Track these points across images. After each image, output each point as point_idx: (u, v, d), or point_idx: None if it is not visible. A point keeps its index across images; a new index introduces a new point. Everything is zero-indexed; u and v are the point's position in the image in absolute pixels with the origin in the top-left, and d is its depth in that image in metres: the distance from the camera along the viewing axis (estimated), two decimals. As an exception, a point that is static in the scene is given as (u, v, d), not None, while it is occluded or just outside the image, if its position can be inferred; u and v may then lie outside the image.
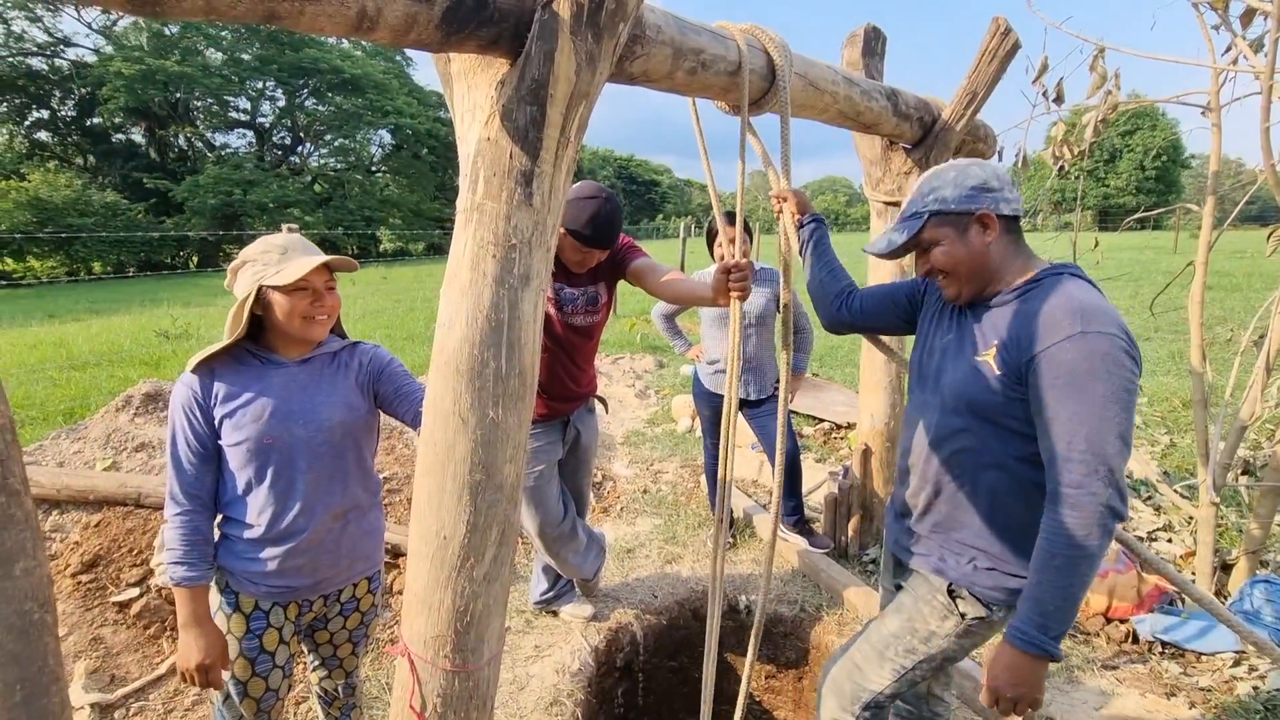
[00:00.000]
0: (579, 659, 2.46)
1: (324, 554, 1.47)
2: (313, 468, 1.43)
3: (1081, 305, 1.18)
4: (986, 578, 1.31)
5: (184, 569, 1.35)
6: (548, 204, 1.17)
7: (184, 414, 1.37)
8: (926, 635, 1.37)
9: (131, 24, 28.51)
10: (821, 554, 2.99)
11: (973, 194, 1.29)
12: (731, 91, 1.65)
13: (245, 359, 1.42)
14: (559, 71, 1.10)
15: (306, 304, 1.38)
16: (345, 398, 1.49)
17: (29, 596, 0.70)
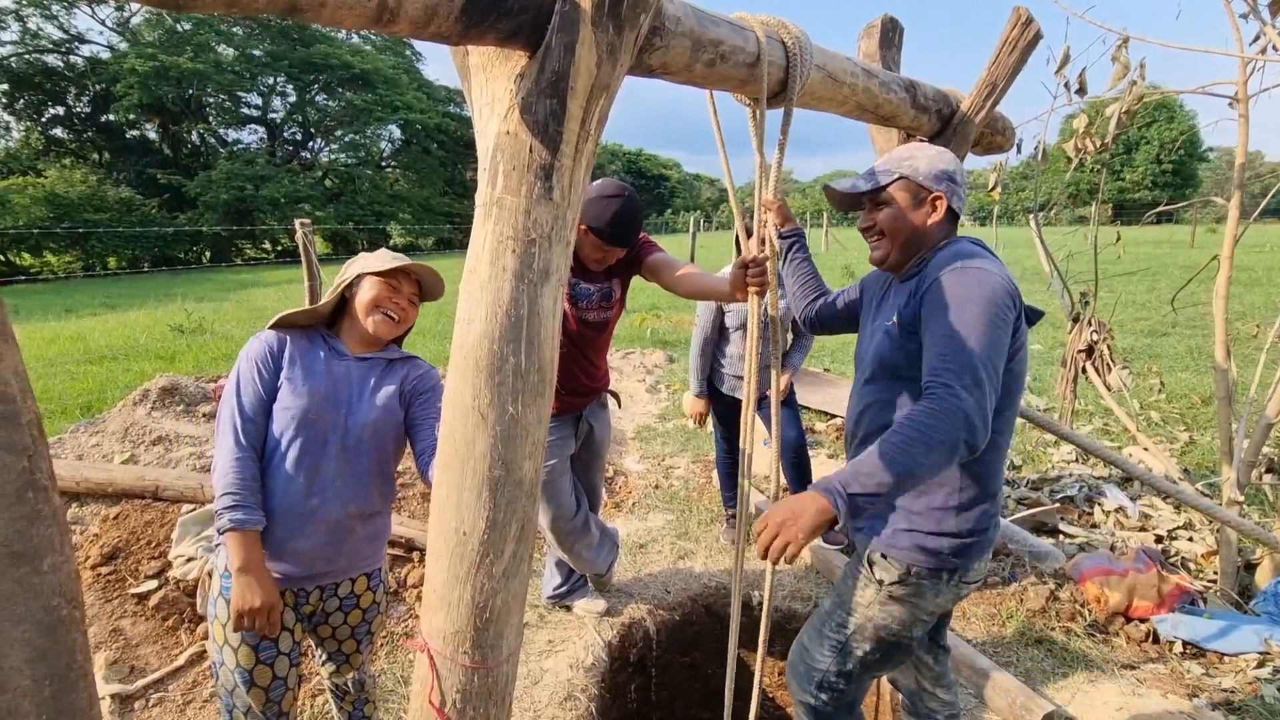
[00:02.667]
0: (592, 654, 2.47)
1: (327, 547, 1.49)
2: (340, 457, 1.49)
3: (967, 251, 1.34)
4: (904, 539, 1.36)
5: (242, 513, 1.38)
6: (567, 198, 1.16)
7: (256, 364, 1.46)
8: (852, 607, 1.43)
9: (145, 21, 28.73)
10: (835, 550, 2.98)
11: (940, 176, 1.42)
12: (750, 84, 1.63)
13: (316, 340, 1.54)
14: (580, 64, 1.08)
15: (386, 293, 1.52)
16: (387, 403, 1.55)
17: (57, 592, 0.70)
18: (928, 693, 1.64)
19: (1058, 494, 3.46)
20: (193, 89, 28.59)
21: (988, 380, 1.16)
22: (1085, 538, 3.05)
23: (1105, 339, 2.79)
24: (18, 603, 0.66)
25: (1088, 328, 2.83)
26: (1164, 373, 5.72)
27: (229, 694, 1.49)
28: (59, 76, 28.01)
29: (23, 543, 0.67)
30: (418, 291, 1.60)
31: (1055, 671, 2.28)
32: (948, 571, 1.35)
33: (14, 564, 0.66)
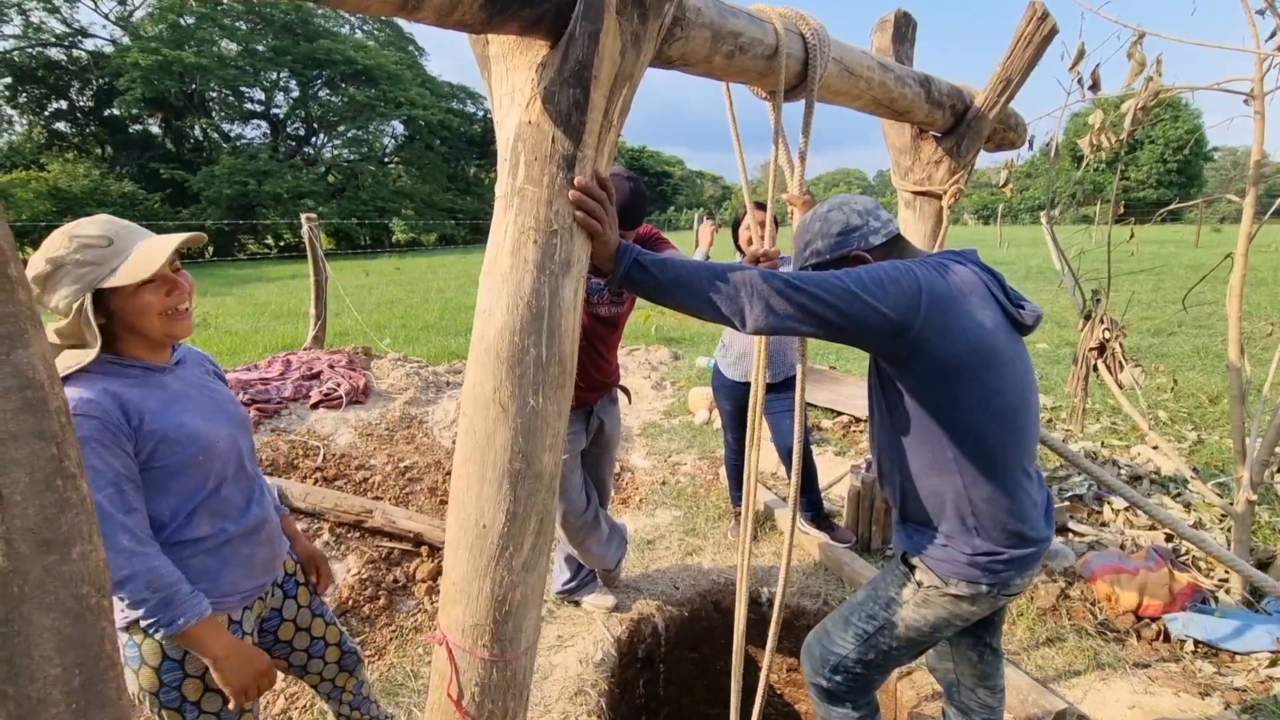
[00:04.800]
0: (602, 649, 2.46)
1: (276, 539, 1.43)
2: (248, 459, 1.39)
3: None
4: (940, 551, 1.37)
5: (191, 606, 1.18)
6: (589, 189, 1.15)
7: (103, 452, 1.12)
8: (886, 601, 1.46)
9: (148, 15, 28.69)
10: (844, 548, 2.97)
11: (840, 240, 1.44)
12: (768, 76, 1.62)
13: (123, 372, 1.20)
14: (604, 52, 1.07)
15: (163, 297, 1.19)
16: (227, 393, 1.42)
17: (85, 580, 0.70)
18: (967, 689, 1.62)
19: (1066, 493, 3.45)
20: (196, 83, 28.57)
21: (804, 301, 1.21)
22: (1095, 536, 3.04)
23: (1117, 337, 2.77)
24: (47, 591, 0.65)
25: (1099, 325, 2.81)
26: (1171, 372, 5.71)
27: None
28: (62, 70, 27.99)
29: (52, 530, 0.67)
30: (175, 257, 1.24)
31: (1067, 669, 2.27)
32: (987, 585, 1.34)
33: (43, 552, 0.66)
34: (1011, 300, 1.38)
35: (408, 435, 3.94)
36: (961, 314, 1.29)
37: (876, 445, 1.51)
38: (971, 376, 1.30)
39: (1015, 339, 1.38)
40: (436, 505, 3.27)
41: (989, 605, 1.38)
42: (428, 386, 4.67)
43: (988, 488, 1.33)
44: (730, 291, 1.22)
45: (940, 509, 1.37)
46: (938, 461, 1.35)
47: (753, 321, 1.22)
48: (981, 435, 1.32)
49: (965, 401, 1.31)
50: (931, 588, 1.39)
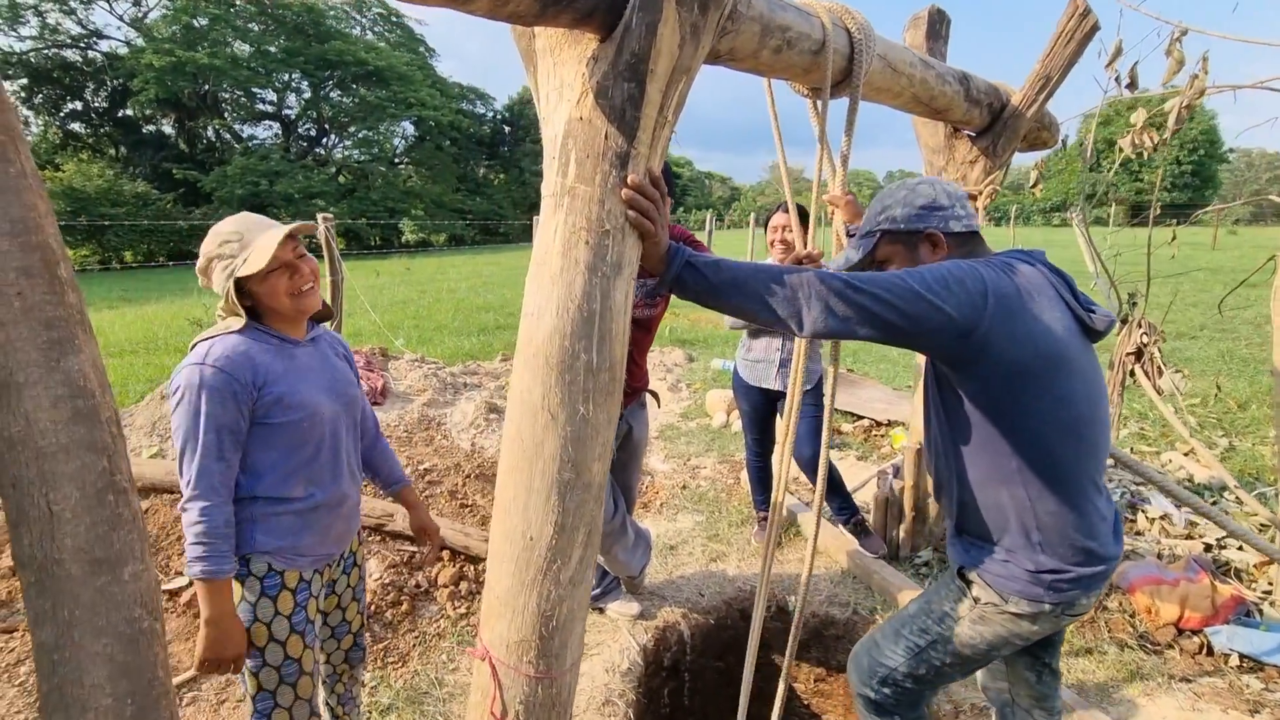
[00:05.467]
0: (628, 658, 2.41)
1: (351, 521, 1.57)
2: (349, 436, 1.53)
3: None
4: (1000, 567, 1.31)
5: (216, 562, 1.28)
6: (643, 187, 1.10)
7: (218, 402, 1.29)
8: (940, 615, 1.41)
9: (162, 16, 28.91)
10: (874, 557, 2.91)
11: (921, 213, 1.37)
12: (813, 72, 1.57)
13: (263, 339, 1.40)
14: (661, 45, 1.03)
15: (287, 280, 1.38)
16: (348, 375, 1.58)
17: (138, 603, 0.66)
18: (1022, 710, 1.56)
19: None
20: (209, 84, 28.76)
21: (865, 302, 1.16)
22: (1130, 545, 2.97)
23: (1155, 341, 2.70)
24: (99, 614, 0.61)
25: (1137, 329, 2.74)
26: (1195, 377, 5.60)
27: (270, 694, 1.45)
28: (77, 71, 28.23)
29: (104, 549, 0.63)
30: (298, 244, 1.42)
31: (1108, 683, 2.21)
32: (1050, 604, 1.28)
33: (95, 572, 0.62)
34: (1082, 304, 1.32)
35: (427, 437, 3.91)
36: (1029, 317, 1.23)
37: (933, 453, 1.45)
38: (1038, 383, 1.24)
39: (1085, 345, 1.32)
40: (457, 509, 3.24)
41: (1051, 625, 1.32)
42: (445, 388, 4.64)
43: (1054, 501, 1.27)
44: (787, 293, 1.17)
45: (1002, 522, 1.31)
46: (1000, 472, 1.29)
47: (810, 324, 1.17)
48: (1048, 446, 1.26)
49: (1031, 409, 1.25)
50: (989, 605, 1.33)
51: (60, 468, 0.62)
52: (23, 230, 0.61)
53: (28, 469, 0.60)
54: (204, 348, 1.33)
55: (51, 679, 0.60)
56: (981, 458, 1.30)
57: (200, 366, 1.30)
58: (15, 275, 0.61)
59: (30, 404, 0.60)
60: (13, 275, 0.61)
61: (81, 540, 0.62)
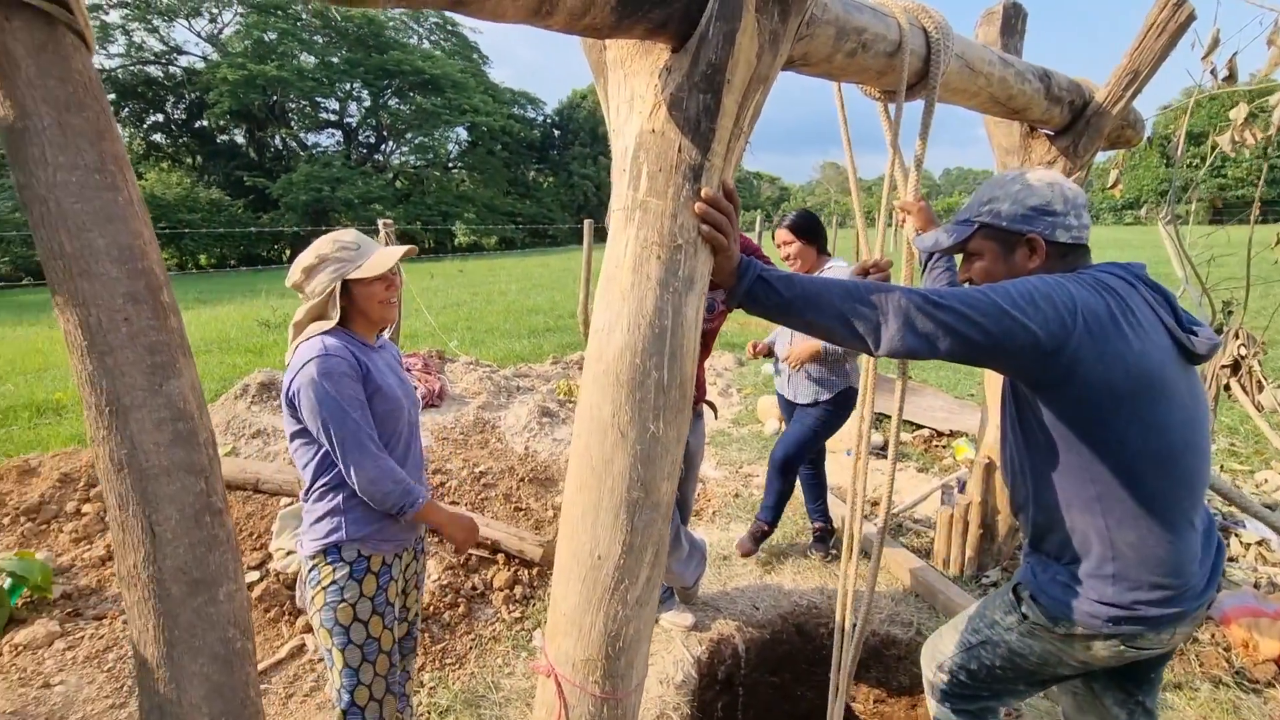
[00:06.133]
0: (682, 670, 2.38)
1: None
2: (417, 436, 1.68)
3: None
4: (1060, 590, 1.25)
5: (412, 495, 1.51)
6: (716, 200, 1.07)
7: (348, 383, 1.47)
8: (991, 621, 1.41)
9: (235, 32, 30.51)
10: (938, 574, 2.79)
11: (1030, 214, 1.26)
12: (887, 75, 1.51)
13: (350, 340, 1.55)
14: (739, 54, 1.00)
15: (384, 290, 1.55)
16: (408, 380, 1.72)
17: (231, 623, 0.66)
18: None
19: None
20: (277, 95, 30.19)
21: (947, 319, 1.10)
22: (1223, 572, 2.75)
23: (1255, 354, 2.50)
24: (196, 634, 0.63)
25: (1234, 341, 2.55)
26: None
27: (355, 671, 1.53)
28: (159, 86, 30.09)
29: (201, 570, 0.64)
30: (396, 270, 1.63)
31: (1202, 724, 2.05)
32: (1107, 633, 1.20)
33: (193, 593, 0.63)
34: (1182, 324, 1.22)
35: (482, 440, 3.97)
36: (1120, 338, 1.14)
37: (1009, 471, 1.38)
38: (1129, 409, 1.15)
39: (1185, 369, 1.21)
40: (511, 512, 3.27)
41: (1112, 656, 1.23)
42: (499, 391, 4.71)
43: (1136, 533, 1.18)
44: (864, 309, 1.12)
45: (1078, 548, 1.24)
46: (1079, 498, 1.21)
47: (888, 342, 1.12)
48: (1135, 475, 1.17)
49: (1119, 436, 1.16)
50: (1037, 624, 1.29)
51: (162, 489, 0.63)
52: (129, 257, 0.63)
53: (132, 490, 0.61)
54: (316, 343, 1.48)
55: (153, 697, 0.61)
56: (1061, 481, 1.23)
57: (325, 358, 1.46)
58: (123, 301, 0.62)
59: (135, 427, 0.62)
60: (120, 301, 0.62)
61: (180, 561, 0.63)
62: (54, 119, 0.61)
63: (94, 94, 0.65)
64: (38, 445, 4.14)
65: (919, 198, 1.64)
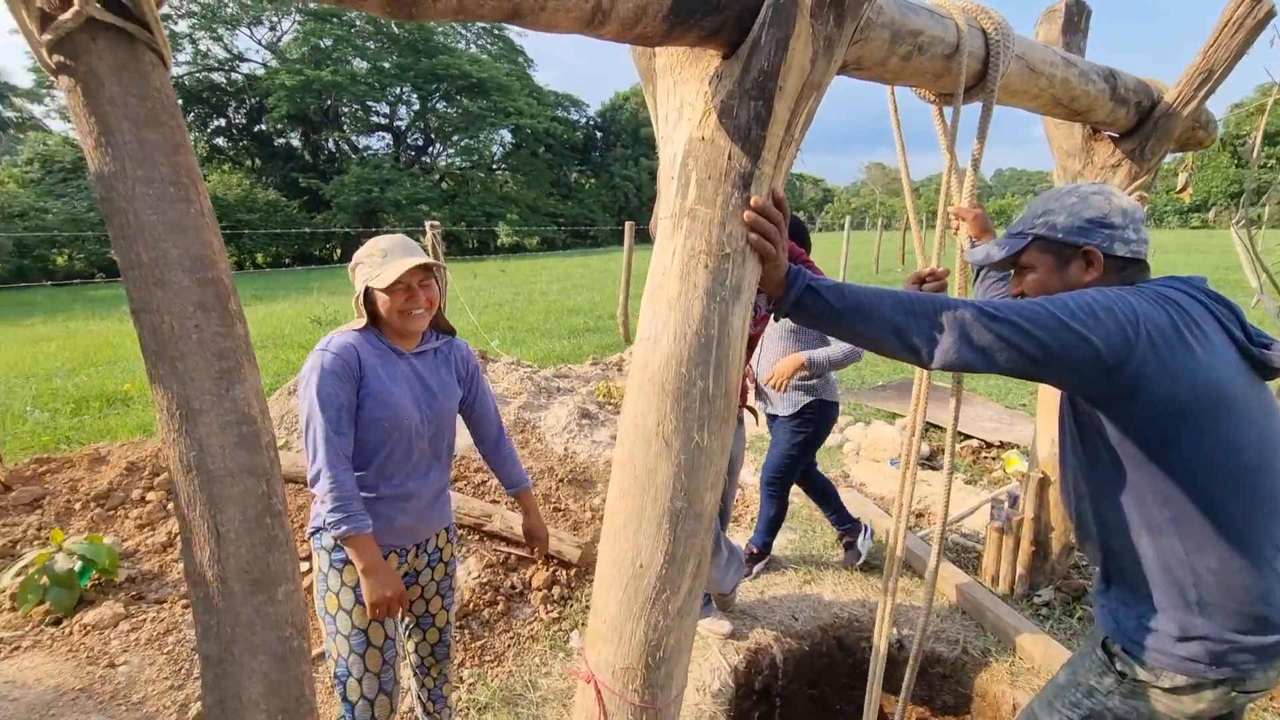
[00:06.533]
0: (719, 679, 2.36)
1: (420, 519, 1.66)
2: (426, 448, 1.64)
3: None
4: (1148, 636, 1.16)
5: (356, 521, 1.45)
6: (765, 209, 1.06)
7: (334, 382, 1.48)
8: (1088, 689, 1.27)
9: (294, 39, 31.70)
10: (986, 591, 2.70)
11: (1086, 227, 1.22)
12: (944, 78, 1.46)
13: (374, 342, 1.57)
14: (792, 60, 0.98)
15: (402, 300, 1.53)
16: (450, 389, 1.70)
17: (288, 622, 0.68)
18: None
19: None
20: (331, 100, 31.26)
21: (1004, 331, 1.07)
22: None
23: (1340, 369, 2.33)
24: (256, 632, 0.65)
25: (1316, 355, 2.38)
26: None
27: (344, 661, 1.55)
28: (222, 92, 31.51)
29: (261, 570, 0.66)
30: (426, 275, 1.57)
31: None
32: (1215, 677, 1.12)
33: (254, 592, 0.65)
34: (1252, 339, 1.15)
35: (522, 440, 4.02)
36: (1186, 351, 1.08)
37: (1071, 494, 1.31)
38: (1197, 425, 1.09)
39: (1257, 385, 1.14)
40: (550, 512, 3.30)
41: (1222, 703, 1.15)
42: (540, 391, 4.76)
43: (1218, 557, 1.11)
44: (918, 321, 1.09)
45: (1153, 576, 1.16)
46: (1150, 521, 1.15)
47: (942, 355, 1.09)
48: (1210, 496, 1.10)
49: (1188, 454, 1.10)
50: (1136, 681, 1.18)
51: (226, 491, 0.65)
52: (200, 267, 0.65)
53: (200, 492, 0.64)
54: (326, 338, 1.54)
55: (215, 691, 0.63)
56: (1129, 504, 1.16)
57: (322, 353, 1.50)
58: (193, 309, 0.64)
59: (204, 430, 0.64)
60: (191, 309, 0.64)
61: (242, 560, 0.65)
62: (133, 135, 0.64)
63: (170, 110, 0.67)
64: (107, 434, 4.38)
65: (975, 204, 1.59)
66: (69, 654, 2.24)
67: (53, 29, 0.61)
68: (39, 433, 4.55)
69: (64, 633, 2.34)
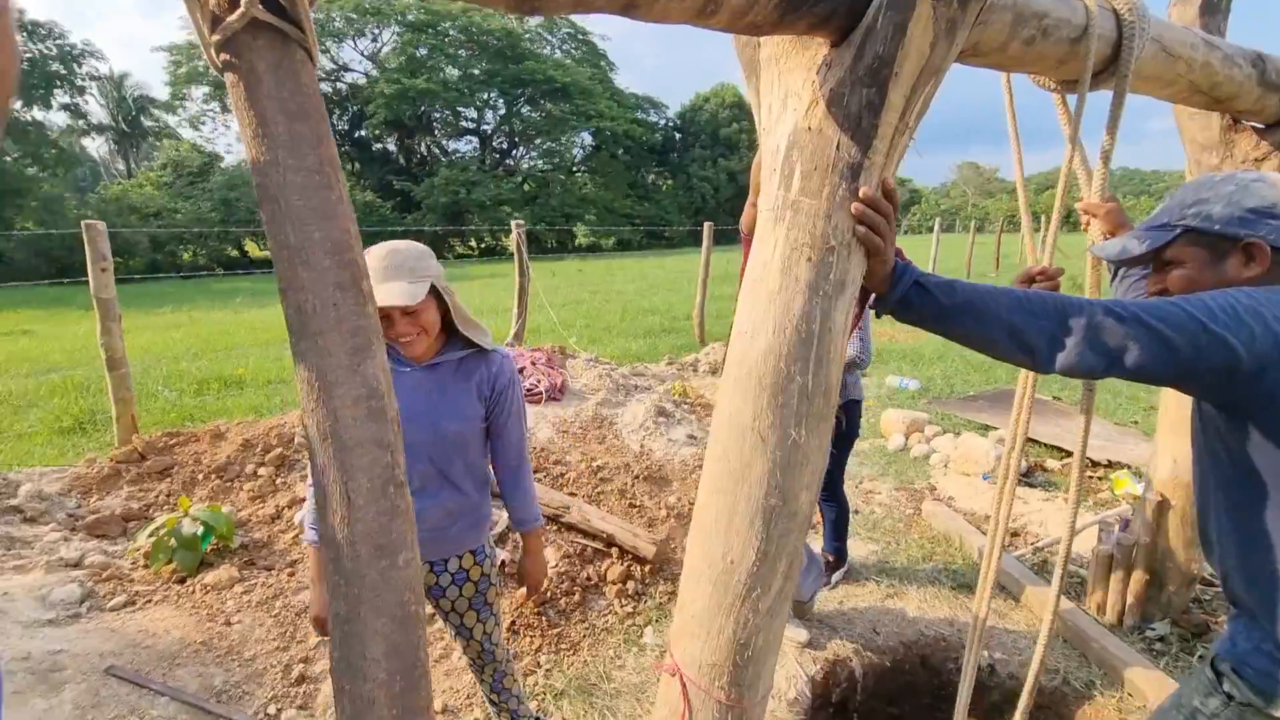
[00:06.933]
0: (795, 687, 2.31)
1: (430, 540, 1.56)
2: (431, 465, 1.53)
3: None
4: (1266, 660, 1.06)
5: (309, 533, 1.50)
6: (874, 200, 1.02)
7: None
8: (1191, 712, 1.20)
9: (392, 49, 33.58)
10: (1092, 620, 2.50)
11: (1249, 217, 1.11)
12: (1069, 63, 1.37)
13: (390, 354, 1.46)
14: (910, 45, 0.94)
15: (384, 327, 1.40)
16: (463, 408, 1.53)
17: (408, 587, 0.72)
18: None
19: None
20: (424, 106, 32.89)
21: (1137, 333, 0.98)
22: None
23: None
24: (380, 595, 0.68)
25: None
26: None
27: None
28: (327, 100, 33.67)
29: (384, 537, 0.70)
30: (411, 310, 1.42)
31: None
32: None
33: (378, 557, 0.69)
34: None
35: (599, 435, 4.08)
36: None
37: (1199, 507, 1.21)
38: None
39: None
40: (625, 508, 3.33)
41: None
42: (618, 389, 4.82)
43: None
44: (1037, 320, 1.02)
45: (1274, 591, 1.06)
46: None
47: (1065, 357, 1.01)
48: None
49: None
50: (1244, 705, 1.09)
51: (356, 460, 0.69)
52: (339, 250, 0.70)
53: (333, 460, 0.68)
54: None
55: (343, 647, 0.67)
56: (1268, 519, 1.05)
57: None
58: (333, 289, 0.69)
59: (338, 402, 0.68)
60: (330, 289, 0.69)
61: (369, 526, 0.69)
62: (286, 127, 0.69)
63: (315, 104, 0.72)
64: (224, 413, 4.78)
65: (1108, 197, 1.47)
66: (192, 610, 2.47)
67: (221, 29, 0.67)
68: (168, 409, 5.03)
69: (188, 590, 2.58)
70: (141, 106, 33.41)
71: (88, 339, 6.84)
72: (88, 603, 2.41)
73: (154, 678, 2.08)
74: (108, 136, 34.32)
